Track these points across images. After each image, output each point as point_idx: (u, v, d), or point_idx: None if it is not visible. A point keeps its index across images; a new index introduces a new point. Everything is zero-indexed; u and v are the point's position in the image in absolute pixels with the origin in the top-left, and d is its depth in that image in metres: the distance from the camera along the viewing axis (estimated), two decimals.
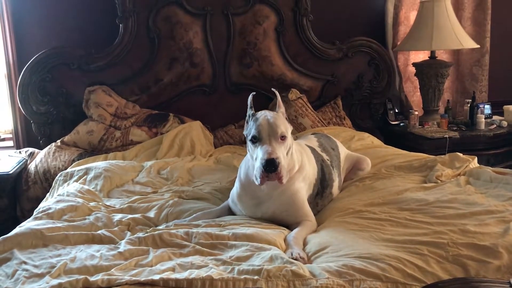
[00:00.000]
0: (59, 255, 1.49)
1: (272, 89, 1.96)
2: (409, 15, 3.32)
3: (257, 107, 3.03)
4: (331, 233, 1.63)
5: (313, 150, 2.02)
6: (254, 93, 1.91)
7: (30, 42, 3.07)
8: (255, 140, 1.71)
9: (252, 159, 1.74)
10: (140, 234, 1.60)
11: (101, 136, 2.86)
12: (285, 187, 1.77)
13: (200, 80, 3.10)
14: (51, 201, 1.98)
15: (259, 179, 1.66)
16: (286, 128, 1.73)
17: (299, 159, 1.84)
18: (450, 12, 3.07)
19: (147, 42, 3.03)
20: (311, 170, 1.90)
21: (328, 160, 2.05)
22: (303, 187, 1.83)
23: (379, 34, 3.30)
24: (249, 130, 1.76)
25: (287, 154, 1.74)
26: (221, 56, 3.09)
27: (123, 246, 1.53)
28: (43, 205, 2.03)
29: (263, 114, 1.75)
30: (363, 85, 3.20)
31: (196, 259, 1.44)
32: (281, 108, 1.83)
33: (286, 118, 1.82)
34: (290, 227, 1.77)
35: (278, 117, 1.74)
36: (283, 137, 1.70)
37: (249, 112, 1.83)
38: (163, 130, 2.90)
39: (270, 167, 1.62)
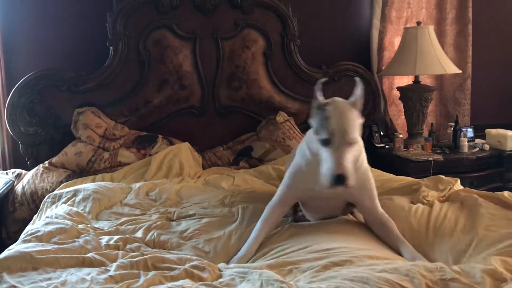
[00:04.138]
0: (50, 279, 1.48)
1: (356, 78, 1.79)
2: (394, 41, 3.41)
3: (246, 129, 3.15)
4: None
5: None
6: (326, 79, 1.86)
7: (20, 63, 3.07)
8: (325, 143, 1.60)
9: (319, 155, 1.65)
10: (132, 258, 1.60)
11: (90, 158, 2.86)
12: (359, 166, 1.75)
13: (189, 102, 3.13)
14: (40, 224, 1.97)
15: (326, 185, 1.59)
16: (357, 130, 1.62)
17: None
18: (433, 39, 3.16)
19: (137, 65, 3.06)
20: None
21: None
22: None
23: (364, 59, 3.38)
24: (317, 126, 1.63)
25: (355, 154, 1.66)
26: (210, 79, 3.13)
27: (114, 269, 1.54)
28: (31, 227, 2.01)
29: (337, 112, 1.60)
30: None
31: (187, 282, 1.45)
32: (358, 103, 1.67)
33: (360, 115, 1.68)
34: (359, 206, 1.82)
35: (353, 118, 1.62)
36: (352, 143, 1.60)
37: (317, 101, 1.68)
38: (151, 152, 2.91)
39: (338, 182, 1.57)
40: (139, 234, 1.93)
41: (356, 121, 1.63)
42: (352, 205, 1.98)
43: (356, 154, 1.68)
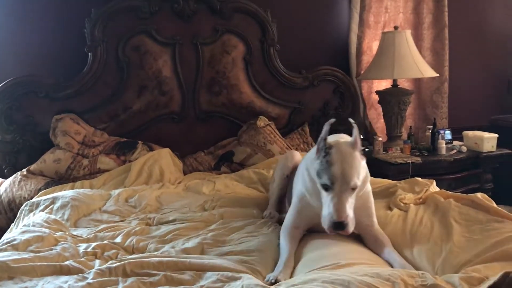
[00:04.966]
0: None
1: (350, 119, 1.78)
2: (372, 45, 3.45)
3: (227, 134, 3.15)
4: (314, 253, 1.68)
5: None
6: (334, 120, 1.74)
7: None
8: (326, 188, 1.62)
9: (320, 198, 1.67)
10: (111, 265, 1.59)
11: (69, 165, 2.83)
12: (364, 191, 1.78)
13: (169, 108, 3.13)
14: (16, 232, 1.95)
15: (326, 228, 1.62)
16: (358, 175, 1.62)
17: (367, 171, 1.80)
18: (410, 43, 3.20)
19: (116, 71, 3.05)
20: None
21: None
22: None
23: (343, 63, 3.41)
24: (320, 170, 1.64)
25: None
26: (190, 84, 3.13)
27: (92, 277, 1.53)
28: (7, 236, 1.99)
29: (339, 158, 1.61)
30: (329, 113, 3.29)
31: None
32: (358, 144, 1.67)
33: (362, 154, 1.69)
34: (359, 226, 1.79)
35: (354, 163, 1.62)
36: (354, 188, 1.61)
37: (322, 143, 1.68)
38: (131, 158, 2.90)
39: (337, 228, 1.59)
40: (118, 240, 1.93)
41: (358, 165, 1.64)
42: None
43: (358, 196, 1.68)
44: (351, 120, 1.77)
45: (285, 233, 1.83)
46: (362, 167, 1.68)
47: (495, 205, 1.88)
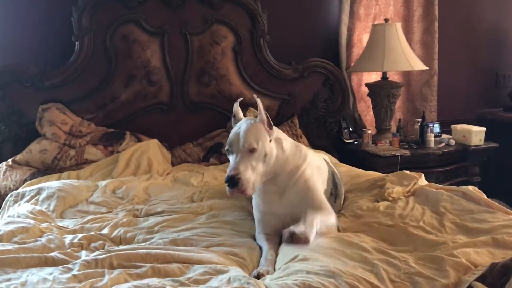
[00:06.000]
0: (9, 280, 1.44)
1: (254, 95, 1.92)
2: (362, 38, 3.44)
3: (216, 125, 3.13)
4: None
5: (324, 161, 2.07)
6: (241, 98, 1.95)
7: None
8: (228, 152, 1.75)
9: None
10: (97, 256, 1.57)
11: (55, 155, 2.79)
12: (298, 177, 1.82)
13: (158, 99, 3.09)
14: (0, 223, 1.91)
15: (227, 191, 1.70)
16: (257, 139, 1.71)
17: (296, 153, 1.85)
18: (400, 35, 3.20)
19: (104, 60, 3.00)
20: (322, 165, 1.96)
21: (337, 175, 2.08)
22: (315, 175, 1.88)
23: (333, 55, 3.39)
24: None
25: (264, 162, 1.73)
26: (179, 74, 3.10)
27: (77, 268, 1.51)
28: None
29: (238, 125, 1.77)
30: (319, 105, 3.28)
31: (153, 281, 1.43)
32: (260, 115, 1.77)
33: (269, 125, 1.78)
34: None
35: (251, 129, 1.73)
36: (252, 150, 1.70)
37: (232, 120, 1.86)
38: (119, 149, 2.86)
39: (230, 183, 1.66)
40: (105, 231, 1.91)
41: (258, 132, 1.73)
42: None
43: (266, 160, 1.74)
44: (255, 95, 1.89)
45: (259, 239, 1.84)
46: (263, 135, 1.74)
47: (485, 197, 1.89)
